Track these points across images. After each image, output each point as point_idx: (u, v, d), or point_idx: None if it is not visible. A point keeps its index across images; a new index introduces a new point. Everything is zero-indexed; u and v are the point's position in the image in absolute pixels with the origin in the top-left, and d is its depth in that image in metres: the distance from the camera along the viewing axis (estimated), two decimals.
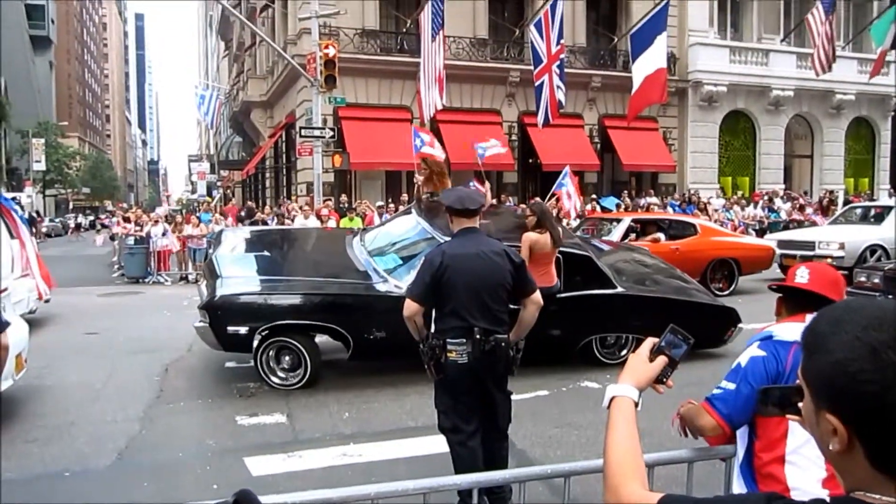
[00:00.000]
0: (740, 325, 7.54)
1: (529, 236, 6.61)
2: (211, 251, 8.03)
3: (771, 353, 2.16)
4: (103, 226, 29.85)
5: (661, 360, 1.55)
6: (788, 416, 1.60)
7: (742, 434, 2.23)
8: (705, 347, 7.23)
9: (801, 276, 2.25)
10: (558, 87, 18.15)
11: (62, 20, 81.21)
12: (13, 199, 11.66)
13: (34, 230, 18.16)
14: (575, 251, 7.36)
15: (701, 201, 19.57)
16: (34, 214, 33.22)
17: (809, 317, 2.11)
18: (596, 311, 7.24)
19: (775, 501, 1.06)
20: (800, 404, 1.53)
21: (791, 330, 2.15)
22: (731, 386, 2.18)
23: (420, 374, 5.93)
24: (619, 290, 7.28)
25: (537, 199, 7.37)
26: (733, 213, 19.42)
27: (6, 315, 3.65)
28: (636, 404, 1.47)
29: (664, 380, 1.57)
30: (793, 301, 2.30)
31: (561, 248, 6.87)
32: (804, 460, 2.04)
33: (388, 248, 7.49)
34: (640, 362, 1.55)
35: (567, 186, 15.75)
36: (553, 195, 15.57)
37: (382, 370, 7.04)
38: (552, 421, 5.62)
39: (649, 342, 1.58)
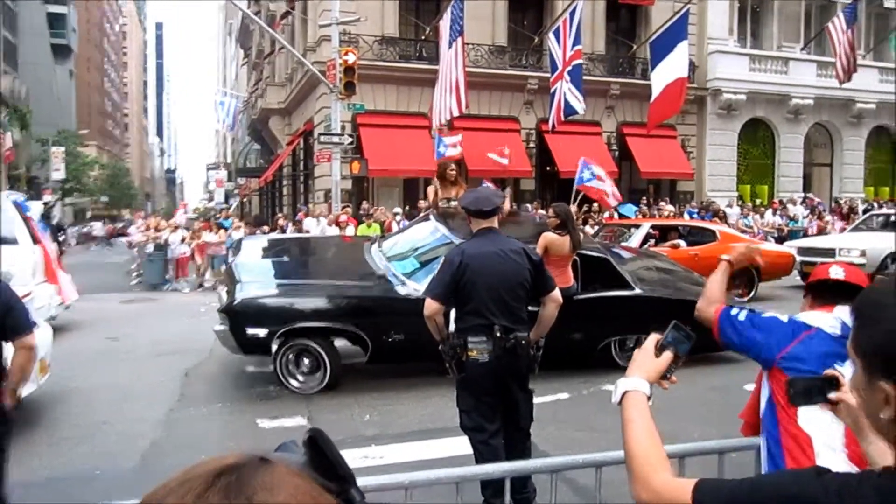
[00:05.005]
0: None
1: (547, 236, 6.63)
2: (230, 259, 8.17)
3: (793, 320, 2.25)
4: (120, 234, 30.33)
5: (668, 356, 1.56)
6: (817, 404, 1.64)
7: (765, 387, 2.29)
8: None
9: (837, 272, 2.35)
10: (568, 90, 18.11)
11: (83, 29, 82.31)
12: (46, 203, 11.79)
13: (61, 238, 18.37)
14: (592, 253, 7.40)
15: (721, 210, 19.45)
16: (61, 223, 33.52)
17: (838, 308, 2.18)
18: (614, 313, 7.27)
19: (825, 475, 1.08)
20: (830, 395, 1.58)
21: (814, 317, 2.23)
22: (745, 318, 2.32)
23: (442, 376, 5.98)
24: (637, 291, 7.33)
25: (562, 203, 7.39)
26: (752, 220, 19.28)
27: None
28: (648, 398, 1.48)
29: (668, 375, 1.58)
30: (821, 296, 2.36)
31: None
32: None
33: (407, 253, 7.55)
34: (648, 357, 1.56)
35: (592, 179, 15.64)
36: (578, 194, 15.50)
37: (404, 373, 7.10)
38: (574, 424, 5.64)
39: (653, 338, 1.60)
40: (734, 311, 2.37)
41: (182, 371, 7.56)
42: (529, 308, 3.96)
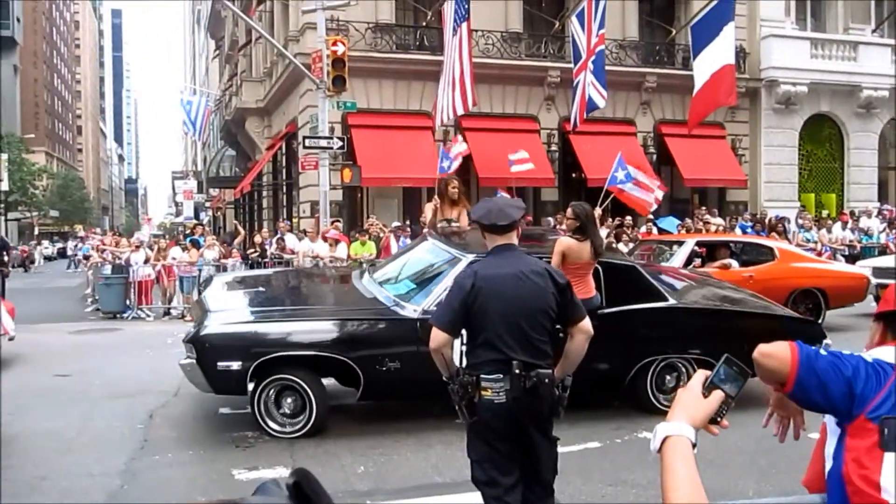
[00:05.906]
0: (826, 342, 7.49)
1: (564, 241, 6.70)
2: (201, 291, 8.31)
3: (877, 363, 2.16)
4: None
5: (718, 396, 1.55)
6: None
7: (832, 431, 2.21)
8: None
9: None
10: (591, 83, 18.13)
11: (29, 18, 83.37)
12: None
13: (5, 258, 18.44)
14: (615, 261, 7.46)
15: (780, 223, 19.34)
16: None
17: None
18: (646, 329, 7.29)
19: None
20: None
21: (887, 353, 2.17)
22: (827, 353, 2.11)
23: (446, 421, 5.99)
24: (672, 302, 7.36)
25: (582, 202, 7.47)
26: (815, 234, 19.20)
27: None
28: (693, 445, 1.48)
29: (719, 419, 1.57)
30: (893, 326, 2.29)
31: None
32: None
33: (403, 276, 7.64)
34: (694, 398, 1.56)
35: (628, 182, 15.70)
36: (607, 195, 15.52)
37: (402, 416, 7.11)
38: (605, 478, 5.62)
39: (701, 375, 1.60)
40: (816, 348, 2.14)
41: (145, 413, 7.57)
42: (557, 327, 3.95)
